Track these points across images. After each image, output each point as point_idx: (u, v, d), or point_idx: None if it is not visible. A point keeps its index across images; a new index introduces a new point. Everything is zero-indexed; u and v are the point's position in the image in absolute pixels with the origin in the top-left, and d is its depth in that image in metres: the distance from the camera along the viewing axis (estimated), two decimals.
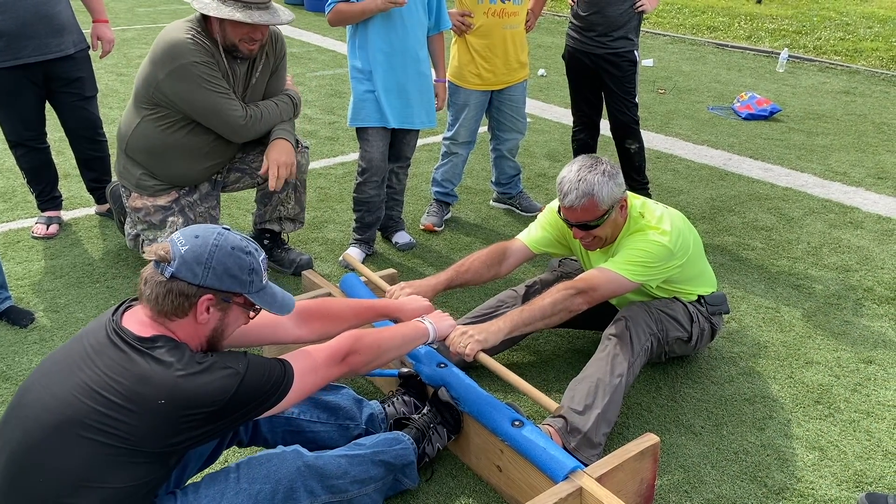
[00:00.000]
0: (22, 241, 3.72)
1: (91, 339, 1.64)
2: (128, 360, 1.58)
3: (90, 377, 1.56)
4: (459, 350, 2.28)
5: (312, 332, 2.09)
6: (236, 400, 1.62)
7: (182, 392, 1.55)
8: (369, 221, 3.62)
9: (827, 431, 2.49)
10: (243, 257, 1.69)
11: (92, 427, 1.53)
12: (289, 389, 1.73)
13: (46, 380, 1.62)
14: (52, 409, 1.56)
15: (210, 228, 1.71)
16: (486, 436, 2.17)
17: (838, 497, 2.21)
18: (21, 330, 2.97)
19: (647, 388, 2.69)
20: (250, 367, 1.66)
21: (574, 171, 2.43)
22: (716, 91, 7.11)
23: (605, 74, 3.90)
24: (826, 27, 10.16)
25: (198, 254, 1.64)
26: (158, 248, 1.66)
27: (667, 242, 2.44)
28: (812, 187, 4.68)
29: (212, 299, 1.67)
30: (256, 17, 2.82)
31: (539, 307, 2.40)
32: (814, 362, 2.87)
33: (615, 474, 1.98)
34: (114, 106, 6.00)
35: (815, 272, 3.57)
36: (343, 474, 1.91)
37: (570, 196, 2.42)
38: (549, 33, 10.17)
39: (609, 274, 2.44)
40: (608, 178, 2.41)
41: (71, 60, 3.57)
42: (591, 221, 2.45)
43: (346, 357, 1.88)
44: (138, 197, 3.15)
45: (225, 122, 2.99)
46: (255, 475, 1.78)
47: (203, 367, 1.60)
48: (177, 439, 1.58)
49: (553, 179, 4.76)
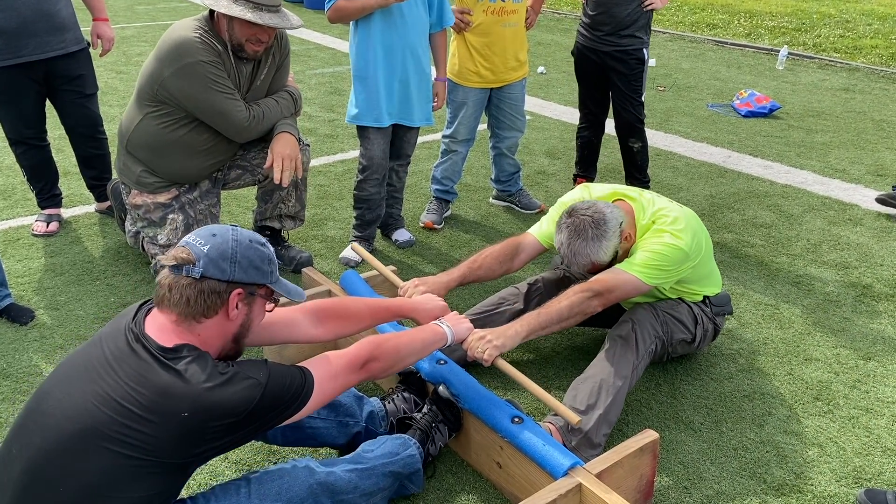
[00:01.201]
0: (22, 239, 3.72)
1: (111, 345, 1.63)
2: (150, 370, 1.57)
3: (111, 386, 1.56)
4: (477, 356, 2.26)
5: (328, 331, 2.09)
6: (259, 409, 1.62)
7: (205, 404, 1.55)
8: (370, 219, 3.62)
9: (826, 428, 2.50)
10: (261, 249, 1.74)
11: (112, 438, 1.52)
12: (309, 397, 1.73)
13: (66, 386, 1.60)
14: (72, 417, 1.54)
15: (222, 226, 1.74)
16: (486, 433, 2.17)
17: (837, 493, 2.22)
18: (21, 327, 2.97)
19: (646, 384, 2.69)
20: (272, 377, 1.66)
21: (565, 244, 2.43)
22: (715, 88, 7.11)
23: (612, 72, 3.91)
24: (826, 24, 10.15)
25: (222, 250, 1.67)
26: (178, 253, 1.66)
27: (683, 245, 2.44)
28: (811, 184, 4.68)
29: (241, 293, 1.69)
30: (266, 20, 2.83)
31: (556, 310, 2.38)
32: (813, 359, 2.87)
33: (615, 471, 1.99)
34: (114, 104, 6.00)
35: (815, 269, 3.58)
36: (353, 489, 1.91)
37: (573, 266, 2.49)
38: (548, 31, 10.16)
39: (625, 276, 2.43)
40: (598, 240, 2.40)
41: (71, 58, 3.57)
42: (604, 268, 2.49)
43: (365, 364, 1.88)
44: (138, 194, 3.15)
45: (229, 122, 2.99)
46: (266, 491, 1.78)
47: (226, 377, 1.60)
48: (199, 450, 1.58)
49: (553, 177, 4.76)
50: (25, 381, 2.65)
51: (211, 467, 2.26)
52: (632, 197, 2.61)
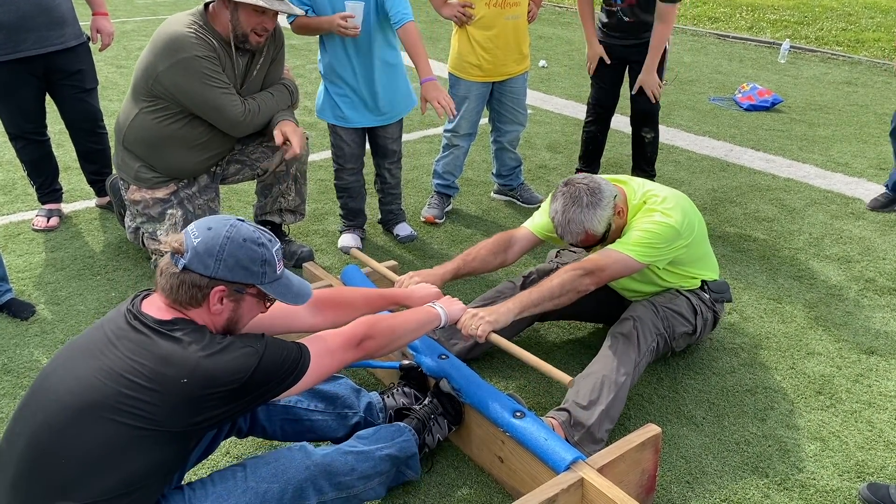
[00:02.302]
0: (22, 234, 3.72)
1: (112, 326, 1.67)
2: (149, 341, 1.60)
3: (113, 361, 1.59)
4: (471, 332, 2.29)
5: (326, 320, 2.11)
6: (256, 378, 1.64)
7: (203, 371, 1.58)
8: (354, 207, 3.64)
9: (828, 422, 2.49)
10: (255, 249, 1.71)
11: (116, 409, 1.55)
12: (305, 370, 1.75)
13: (70, 364, 1.64)
14: (75, 391, 1.58)
15: (224, 220, 1.73)
16: (488, 427, 2.17)
17: (840, 487, 2.21)
18: (22, 322, 2.97)
19: (648, 379, 2.69)
20: (268, 347, 1.69)
21: (560, 211, 2.45)
22: (717, 82, 7.09)
23: (633, 63, 3.96)
24: (828, 17, 10.12)
25: (210, 246, 1.66)
26: (173, 240, 1.68)
27: (673, 223, 2.45)
28: (814, 178, 4.67)
29: (224, 290, 1.69)
30: (276, 5, 2.85)
31: (548, 287, 2.41)
32: (815, 353, 2.86)
33: (617, 465, 1.98)
34: (114, 98, 5.99)
35: (817, 263, 3.57)
36: (350, 471, 1.92)
37: (567, 236, 2.48)
38: (550, 25, 10.13)
39: (616, 255, 2.45)
40: (593, 208, 2.42)
41: (71, 53, 3.56)
42: (595, 244, 2.51)
43: (361, 342, 1.90)
44: (137, 189, 3.14)
45: (224, 117, 2.99)
46: (263, 474, 1.79)
47: (223, 345, 1.63)
48: (198, 418, 1.60)
49: (554, 171, 4.75)
50: (27, 376, 2.65)
51: (212, 462, 2.26)
52: (622, 181, 2.64)
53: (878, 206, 4.13)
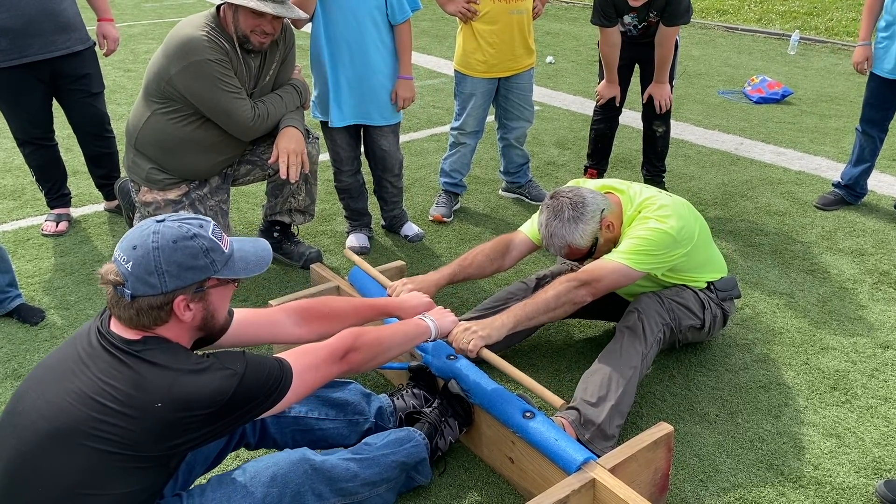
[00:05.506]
0: (32, 239, 3.73)
1: (84, 343, 1.61)
2: (120, 364, 1.54)
3: (85, 383, 1.53)
4: (462, 346, 2.25)
5: (312, 331, 2.05)
6: (235, 400, 1.58)
7: (179, 394, 1.52)
8: (356, 207, 3.64)
9: (844, 418, 2.46)
10: (190, 244, 1.60)
11: (89, 434, 1.49)
12: (288, 388, 1.70)
13: (41, 387, 1.58)
14: (47, 416, 1.52)
15: (144, 232, 1.60)
16: (498, 428, 2.15)
17: (856, 484, 2.18)
18: (31, 328, 2.98)
19: (660, 376, 2.66)
20: (249, 367, 1.62)
21: (544, 224, 2.47)
22: (726, 75, 7.04)
23: (645, 60, 3.94)
24: (838, 8, 10.03)
25: (144, 264, 1.56)
26: (107, 273, 1.59)
27: (667, 229, 2.41)
28: (826, 170, 4.62)
29: (185, 298, 1.61)
30: (270, 9, 2.81)
31: (543, 300, 2.37)
32: (829, 348, 2.83)
33: (629, 465, 1.96)
34: (121, 102, 6.01)
35: (830, 257, 3.53)
36: (353, 477, 1.89)
37: (551, 249, 2.49)
38: (557, 20, 10.09)
39: (612, 264, 2.41)
40: (575, 222, 2.41)
41: (77, 57, 3.57)
42: (583, 258, 2.51)
43: (346, 355, 1.84)
44: (148, 191, 3.14)
45: (233, 121, 2.98)
46: (261, 479, 1.76)
47: (200, 367, 1.57)
48: (176, 442, 1.55)
49: (563, 168, 4.73)
50: None
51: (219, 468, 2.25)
52: (620, 189, 2.61)
53: (821, 204, 4.09)
